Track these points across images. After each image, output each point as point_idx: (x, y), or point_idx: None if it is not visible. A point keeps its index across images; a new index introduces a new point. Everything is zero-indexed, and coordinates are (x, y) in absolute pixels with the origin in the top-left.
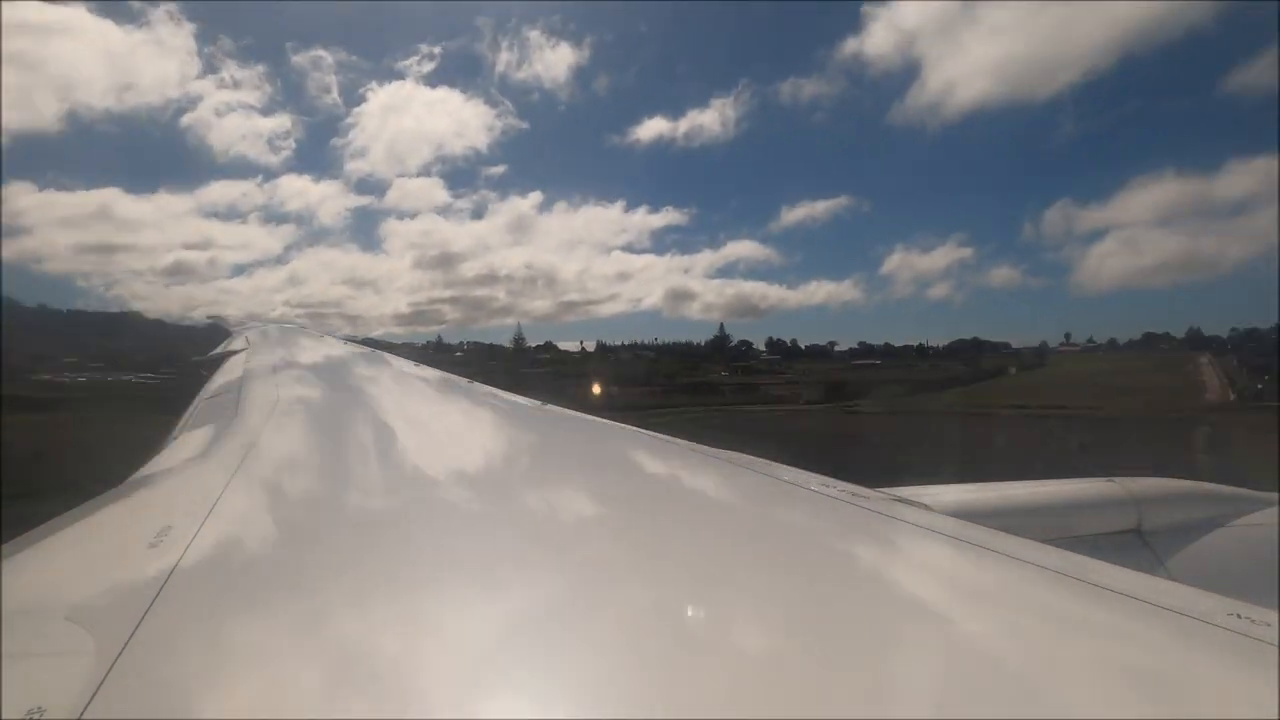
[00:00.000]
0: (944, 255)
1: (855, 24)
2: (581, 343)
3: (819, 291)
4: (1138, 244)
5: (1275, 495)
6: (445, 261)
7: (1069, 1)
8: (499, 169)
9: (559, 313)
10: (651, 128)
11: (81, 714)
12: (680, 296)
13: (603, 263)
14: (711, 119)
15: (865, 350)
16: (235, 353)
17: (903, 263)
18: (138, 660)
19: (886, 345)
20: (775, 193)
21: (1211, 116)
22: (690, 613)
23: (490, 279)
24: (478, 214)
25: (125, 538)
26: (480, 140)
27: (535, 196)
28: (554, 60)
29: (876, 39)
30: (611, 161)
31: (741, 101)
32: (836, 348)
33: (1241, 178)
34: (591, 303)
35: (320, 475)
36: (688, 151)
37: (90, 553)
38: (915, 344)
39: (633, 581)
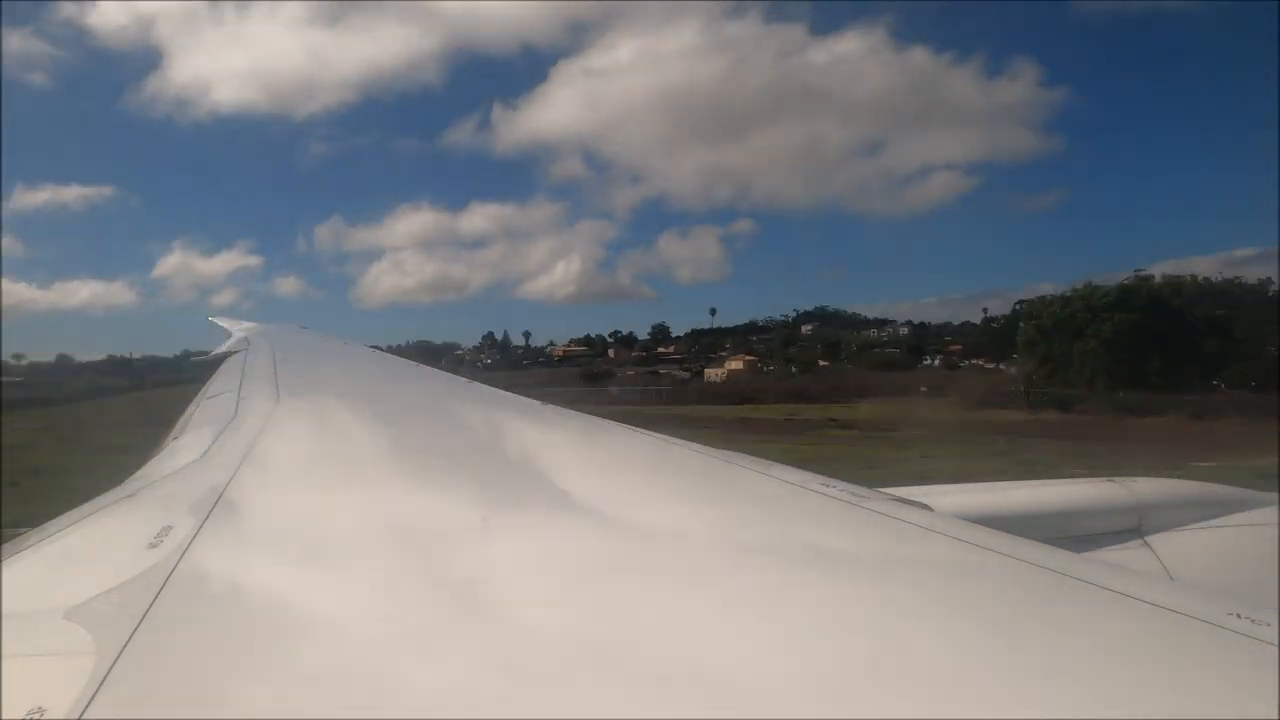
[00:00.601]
0: (229, 261)
1: None
2: None
3: (81, 291)
4: (405, 265)
5: (1275, 495)
6: None
7: (317, 31)
8: None
9: None
10: None
11: (81, 714)
12: None
13: None
14: None
15: (86, 365)
16: (234, 353)
17: (182, 266)
18: (138, 660)
19: (145, 356)
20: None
21: (447, 161)
22: (689, 613)
23: None
24: None
25: (125, 538)
26: None
27: None
28: None
29: (107, 14)
30: None
31: None
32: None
33: (478, 218)
34: None
35: (321, 474)
36: None
37: (90, 553)
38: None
39: (631, 582)
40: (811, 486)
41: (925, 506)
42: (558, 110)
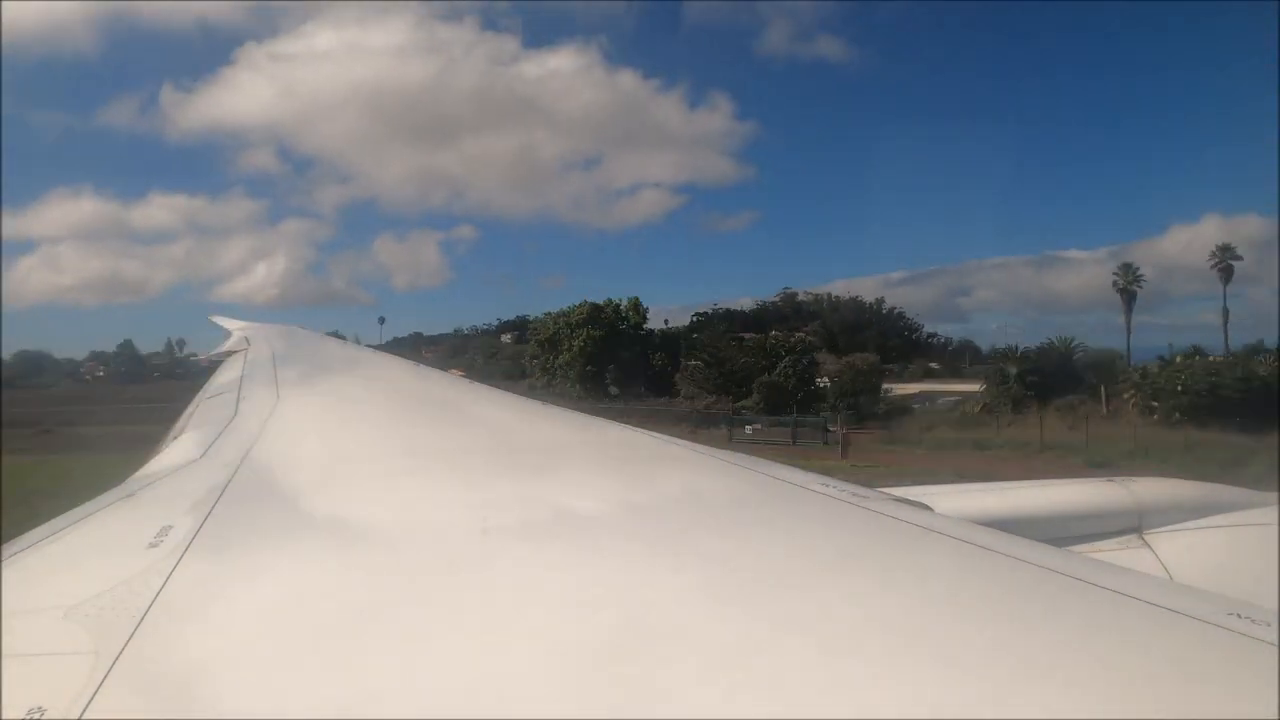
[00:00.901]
0: None
1: None
2: None
3: None
4: (60, 261)
5: (1275, 495)
6: None
7: None
8: None
9: None
10: None
11: (81, 714)
12: None
13: None
14: None
15: None
16: (235, 352)
17: None
18: (138, 660)
19: None
20: None
21: (109, 144)
22: (689, 614)
23: None
24: None
25: (125, 538)
26: None
27: None
28: None
29: None
30: None
31: None
32: None
33: (158, 210)
34: None
35: (321, 473)
36: None
37: (90, 553)
38: None
39: (629, 582)
40: (812, 486)
41: (925, 506)
42: (245, 97)
